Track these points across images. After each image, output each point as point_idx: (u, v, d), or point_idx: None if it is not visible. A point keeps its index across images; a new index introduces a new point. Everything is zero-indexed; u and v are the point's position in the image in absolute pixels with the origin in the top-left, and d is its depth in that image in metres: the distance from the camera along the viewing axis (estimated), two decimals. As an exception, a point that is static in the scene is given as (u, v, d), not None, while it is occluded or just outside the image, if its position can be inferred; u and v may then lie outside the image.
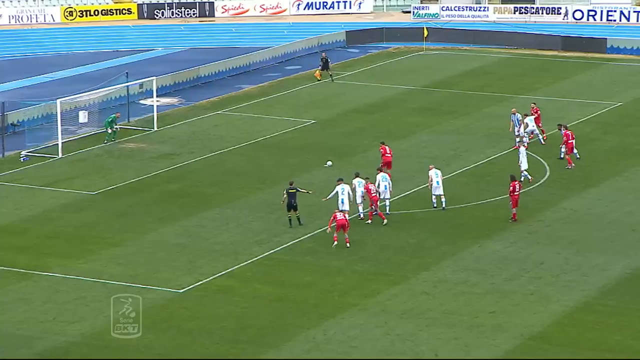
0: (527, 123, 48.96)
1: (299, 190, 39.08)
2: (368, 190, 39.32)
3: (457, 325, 31.89)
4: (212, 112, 56.28)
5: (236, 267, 35.97)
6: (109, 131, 50.12)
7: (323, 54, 63.39)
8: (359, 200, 39.75)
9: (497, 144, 49.94)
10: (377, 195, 39.37)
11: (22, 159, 48.10)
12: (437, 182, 40.96)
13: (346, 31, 72.87)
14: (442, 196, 40.99)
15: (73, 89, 56.31)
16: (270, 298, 33.64)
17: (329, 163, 45.59)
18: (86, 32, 74.39)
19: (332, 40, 71.61)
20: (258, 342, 30.94)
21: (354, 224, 39.35)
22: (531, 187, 43.57)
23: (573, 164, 45.71)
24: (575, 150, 46.65)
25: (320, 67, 62.06)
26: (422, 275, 35.28)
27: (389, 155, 43.88)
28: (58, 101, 49.74)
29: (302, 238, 38.38)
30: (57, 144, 48.72)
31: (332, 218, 37.53)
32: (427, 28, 71.05)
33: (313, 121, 54.02)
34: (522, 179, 43.12)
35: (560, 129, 47.08)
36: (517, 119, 48.54)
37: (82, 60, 67.80)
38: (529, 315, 32.54)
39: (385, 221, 39.28)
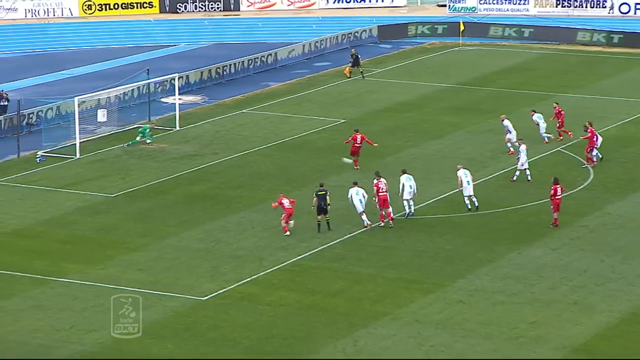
0: (536, 121, 48.65)
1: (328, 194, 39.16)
2: (378, 188, 39.28)
3: (495, 336, 31.78)
4: (236, 110, 56.41)
5: (261, 273, 36.03)
6: (138, 139, 50.09)
7: (353, 50, 63.41)
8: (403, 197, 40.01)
9: (537, 144, 49.71)
10: (386, 194, 39.29)
11: (38, 159, 48.42)
12: (468, 182, 41.08)
13: (378, 26, 72.85)
14: (472, 196, 41.01)
15: (91, 86, 56.65)
16: (298, 306, 33.66)
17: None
18: (105, 27, 74.80)
19: (363, 35, 71.62)
20: (285, 352, 30.96)
21: (385, 229, 39.33)
22: (574, 190, 43.38)
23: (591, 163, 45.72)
24: (596, 151, 46.45)
25: (350, 64, 62.08)
26: (458, 283, 35.20)
27: (358, 145, 45.09)
28: (76, 99, 50.03)
29: (330, 243, 38.39)
30: (75, 144, 49.00)
31: (277, 202, 38.46)
32: (463, 22, 70.91)
33: (342, 120, 54.03)
34: (514, 178, 43.84)
35: (585, 129, 46.89)
36: (506, 126, 47.89)
37: (101, 56, 68.16)
38: (572, 326, 32.38)
39: (382, 224, 39.27)
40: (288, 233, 38.67)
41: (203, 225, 40.28)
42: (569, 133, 49.53)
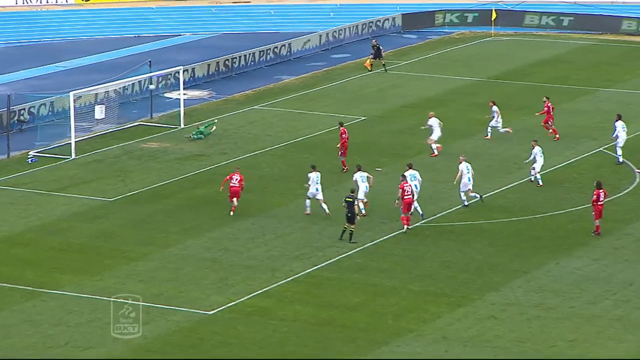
0: (494, 114, 49.50)
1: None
2: (403, 191, 39.45)
3: (531, 355, 31.70)
4: (246, 107, 56.46)
5: (274, 285, 36.05)
6: (201, 129, 50.17)
7: (374, 40, 63.42)
8: (361, 195, 40.67)
9: (576, 145, 49.61)
10: (412, 197, 39.45)
11: (29, 160, 48.57)
12: (469, 178, 41.58)
13: (402, 14, 72.81)
14: (470, 191, 41.62)
15: (88, 79, 56.80)
16: (314, 322, 33.66)
17: (379, 169, 45.58)
18: (103, 15, 75.00)
19: (385, 25, 71.56)
20: (299, 372, 31.01)
21: (409, 236, 39.33)
22: (618, 195, 43.24)
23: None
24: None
25: (371, 56, 62.07)
26: (490, 296, 35.14)
27: (346, 137, 46.24)
28: (71, 94, 50.16)
29: (349, 253, 38.38)
30: (70, 143, 49.13)
31: (227, 178, 40.93)
32: (496, 10, 70.78)
33: (362, 118, 54.03)
34: (531, 179, 44.01)
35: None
36: (431, 125, 48.20)
37: (98, 47, 68.34)
38: (615, 344, 32.27)
39: (404, 229, 39.57)
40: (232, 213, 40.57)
41: (209, 232, 40.33)
42: (556, 135, 49.44)
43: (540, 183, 44.28)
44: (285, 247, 38.87)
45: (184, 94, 55.52)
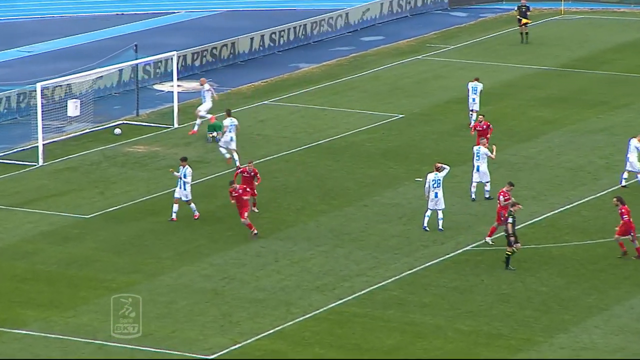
0: (470, 90, 51.15)
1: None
2: (506, 199, 40.02)
3: (609, 412, 31.75)
4: (255, 101, 56.60)
5: (289, 323, 36.13)
6: (211, 135, 50.84)
7: (523, 0, 64.10)
8: (224, 148, 45.31)
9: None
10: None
11: (-13, 167, 48.85)
12: (478, 167, 42.52)
13: (448, -13, 73.05)
14: (487, 184, 43.04)
15: (59, 68, 57.01)
16: (338, 369, 33.77)
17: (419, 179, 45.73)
18: (78, -12, 75.36)
19: (427, 0, 71.61)
20: None
21: (456, 263, 39.35)
22: None
23: None
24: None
25: (520, 18, 62.83)
26: (558, 339, 35.13)
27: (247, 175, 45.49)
28: (38, 85, 50.37)
29: (383, 283, 38.43)
30: (37, 147, 49.34)
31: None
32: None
33: (399, 115, 54.08)
34: (622, 183, 44.82)
35: None
36: (205, 93, 50.70)
37: (71, 28, 68.59)
38: None
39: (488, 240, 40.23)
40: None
41: (209, 257, 40.44)
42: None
43: (622, 183, 44.46)
44: (302, 276, 38.94)
45: (178, 85, 55.68)
